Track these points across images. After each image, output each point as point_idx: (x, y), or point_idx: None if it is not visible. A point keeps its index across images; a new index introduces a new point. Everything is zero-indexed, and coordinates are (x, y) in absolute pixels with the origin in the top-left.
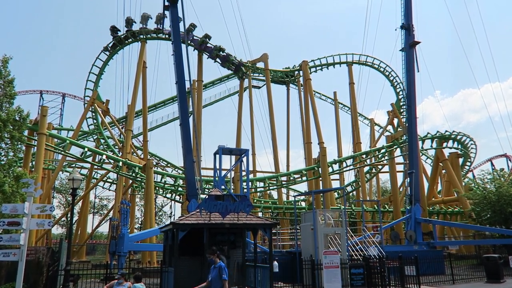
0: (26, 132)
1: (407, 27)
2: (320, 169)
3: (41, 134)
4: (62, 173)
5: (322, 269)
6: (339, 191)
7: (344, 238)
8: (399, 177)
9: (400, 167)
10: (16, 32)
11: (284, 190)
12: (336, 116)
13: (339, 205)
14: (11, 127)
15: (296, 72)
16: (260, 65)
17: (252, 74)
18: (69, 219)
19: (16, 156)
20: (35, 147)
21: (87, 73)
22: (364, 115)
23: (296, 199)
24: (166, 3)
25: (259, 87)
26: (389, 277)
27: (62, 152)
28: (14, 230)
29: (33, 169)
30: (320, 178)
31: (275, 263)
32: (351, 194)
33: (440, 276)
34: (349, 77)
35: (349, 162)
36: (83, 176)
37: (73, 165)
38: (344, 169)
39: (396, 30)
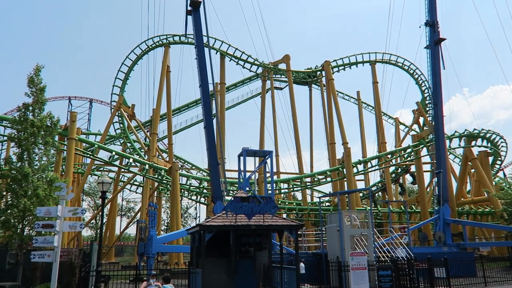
0: (56, 138)
1: (432, 24)
2: (344, 169)
3: (71, 139)
4: (91, 176)
5: (349, 270)
6: (365, 192)
7: (370, 239)
8: (426, 177)
9: (427, 167)
10: (46, 41)
11: (308, 191)
12: (359, 116)
13: (364, 206)
14: (44, 133)
15: (319, 73)
16: (282, 66)
17: (274, 76)
18: (98, 221)
19: (49, 161)
20: (65, 152)
21: (113, 78)
22: (389, 115)
23: (321, 200)
24: (189, 8)
25: (281, 88)
26: (418, 279)
27: (91, 156)
28: (48, 232)
29: (63, 173)
30: (345, 179)
31: (302, 264)
32: (376, 194)
33: (472, 278)
34: (372, 76)
35: (374, 162)
36: (112, 180)
37: (101, 168)
38: (369, 170)
39: (420, 27)
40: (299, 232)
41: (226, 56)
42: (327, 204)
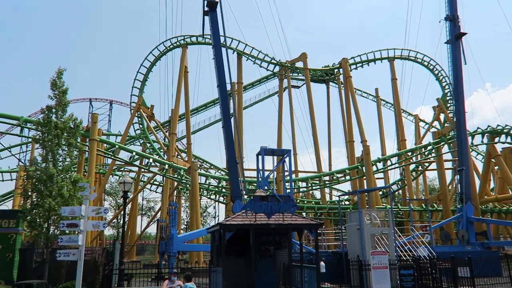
0: (78, 139)
1: (452, 18)
2: (363, 168)
3: (92, 140)
4: (112, 176)
5: (370, 269)
6: (384, 190)
7: (391, 238)
8: (448, 174)
9: (448, 164)
10: (66, 44)
11: (327, 190)
12: (378, 114)
13: (384, 204)
14: (67, 135)
15: (336, 70)
16: (299, 64)
17: (291, 74)
18: (119, 220)
19: (72, 162)
20: (87, 153)
21: (133, 80)
22: (408, 112)
23: (340, 199)
24: (206, 9)
25: (298, 87)
26: (441, 279)
27: (112, 157)
28: (72, 231)
29: (85, 174)
30: (364, 177)
31: (322, 263)
32: (396, 193)
33: (497, 278)
34: (391, 72)
35: (394, 160)
36: (132, 179)
37: (122, 168)
38: (389, 168)
39: (440, 22)
40: (318, 231)
41: (243, 56)
42: (346, 202)
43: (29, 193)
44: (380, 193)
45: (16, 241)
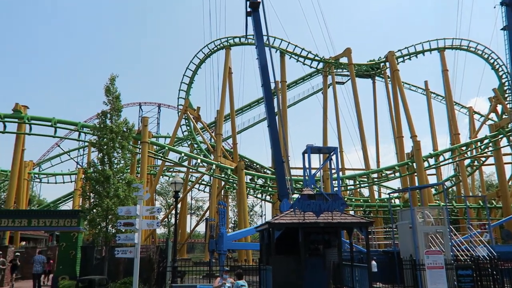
0: (131, 142)
1: (508, 2)
2: (414, 164)
3: (144, 143)
4: (162, 177)
5: (424, 269)
6: (437, 187)
7: (447, 237)
8: (507, 169)
9: (507, 158)
10: (116, 51)
11: (375, 188)
12: (428, 107)
13: (437, 202)
14: (120, 138)
15: (382, 64)
16: (344, 60)
17: (335, 70)
18: (169, 219)
19: (126, 164)
20: (139, 155)
21: (179, 83)
22: (461, 104)
23: (390, 196)
24: (248, 10)
25: (343, 83)
26: (502, 280)
27: (162, 158)
28: (129, 230)
29: (138, 175)
30: (415, 174)
31: (374, 262)
32: (450, 189)
33: None
34: (441, 64)
35: (447, 155)
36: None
37: (171, 169)
38: (442, 163)
39: (495, 7)
40: (368, 230)
41: (286, 54)
42: (397, 200)
43: (89, 194)
44: (433, 190)
45: (78, 239)
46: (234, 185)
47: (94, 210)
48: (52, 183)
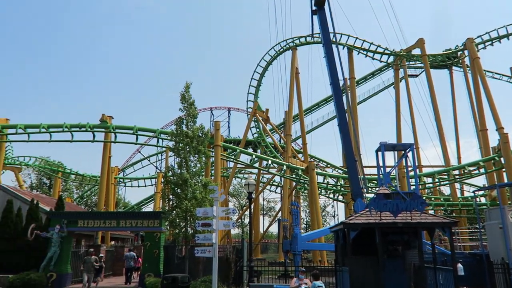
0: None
1: None
2: (502, 158)
3: (217, 146)
4: (234, 179)
5: None
6: None
7: None
8: None
9: None
10: (187, 59)
11: (457, 185)
12: None
13: None
14: (196, 143)
15: (460, 53)
16: (416, 52)
17: (407, 63)
18: (243, 220)
19: (202, 167)
20: (212, 158)
21: (247, 86)
22: None
23: (475, 194)
24: (314, 8)
25: (416, 75)
26: None
27: (234, 160)
28: (206, 230)
29: (212, 177)
30: (503, 169)
31: (459, 265)
32: None
33: None
34: None
35: None
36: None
37: (243, 171)
38: None
39: None
40: (452, 230)
41: (354, 50)
42: (482, 199)
43: (169, 196)
44: None
45: (160, 239)
46: (305, 185)
47: (174, 212)
48: (135, 187)
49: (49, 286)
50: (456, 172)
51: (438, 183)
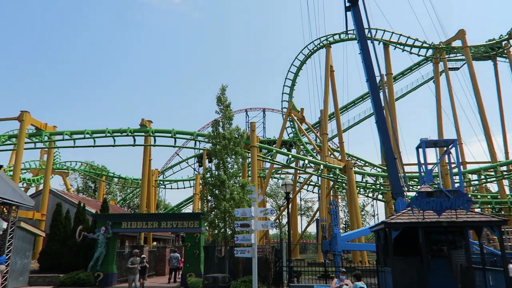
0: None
1: None
2: None
3: (253, 147)
4: (271, 179)
5: None
6: None
7: None
8: None
9: None
10: (226, 63)
11: (505, 182)
12: None
13: None
14: (233, 144)
15: (505, 43)
16: (456, 43)
17: (447, 56)
18: (280, 220)
19: (239, 168)
20: (249, 159)
21: (282, 86)
22: None
23: None
24: (347, 4)
25: (457, 68)
26: None
27: (270, 161)
28: (245, 231)
29: (249, 178)
30: None
31: (511, 266)
32: None
33: None
34: None
35: None
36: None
37: (279, 171)
38: None
39: None
40: (502, 229)
41: (390, 45)
42: None
43: (208, 197)
44: None
45: (201, 239)
46: (343, 184)
47: (213, 213)
48: (175, 189)
49: (97, 285)
50: (504, 168)
51: (484, 180)
